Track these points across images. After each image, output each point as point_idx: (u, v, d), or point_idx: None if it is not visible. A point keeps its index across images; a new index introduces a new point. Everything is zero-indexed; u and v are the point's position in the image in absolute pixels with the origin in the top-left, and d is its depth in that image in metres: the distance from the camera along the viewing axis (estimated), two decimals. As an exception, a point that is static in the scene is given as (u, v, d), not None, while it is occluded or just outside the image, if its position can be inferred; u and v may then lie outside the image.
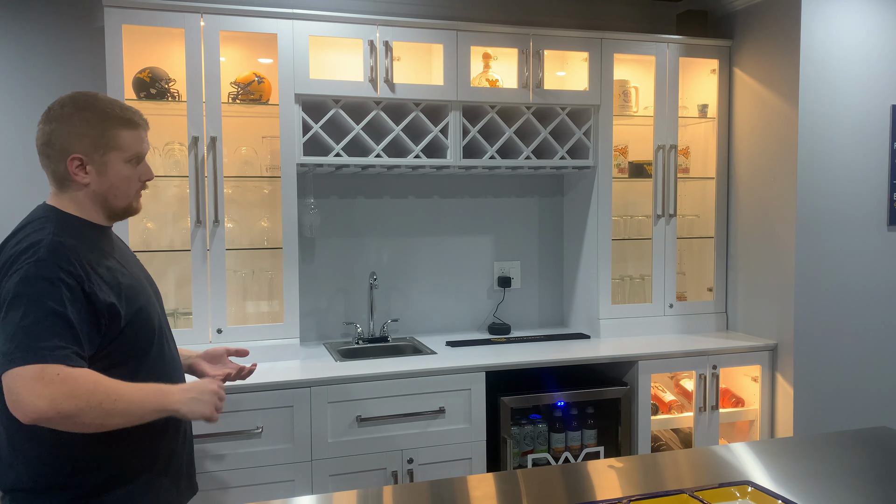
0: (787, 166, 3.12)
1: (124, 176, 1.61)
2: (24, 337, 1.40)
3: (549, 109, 3.26)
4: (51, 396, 1.36)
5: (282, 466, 2.62)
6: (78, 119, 1.56)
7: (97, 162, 1.58)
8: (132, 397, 1.47)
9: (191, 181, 2.78)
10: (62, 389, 1.37)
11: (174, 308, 3.02)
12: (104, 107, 1.59)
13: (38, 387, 1.36)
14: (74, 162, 1.56)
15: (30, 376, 1.37)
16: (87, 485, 1.53)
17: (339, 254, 3.34)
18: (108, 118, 1.58)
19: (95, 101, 1.60)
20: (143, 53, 2.92)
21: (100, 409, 1.41)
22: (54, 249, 1.48)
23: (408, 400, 2.76)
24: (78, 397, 1.39)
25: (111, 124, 1.58)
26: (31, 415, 1.37)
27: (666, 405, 3.25)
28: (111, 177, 1.60)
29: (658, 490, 1.60)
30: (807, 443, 1.99)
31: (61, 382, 1.38)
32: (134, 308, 1.59)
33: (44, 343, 1.40)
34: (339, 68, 3.15)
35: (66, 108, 1.57)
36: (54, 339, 1.41)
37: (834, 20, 3.08)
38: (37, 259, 1.46)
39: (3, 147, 2.90)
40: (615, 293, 3.46)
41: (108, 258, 1.60)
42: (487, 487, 1.72)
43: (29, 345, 1.39)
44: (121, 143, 1.59)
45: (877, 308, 3.22)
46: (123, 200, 1.64)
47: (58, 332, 1.42)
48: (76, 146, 1.56)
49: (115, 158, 1.59)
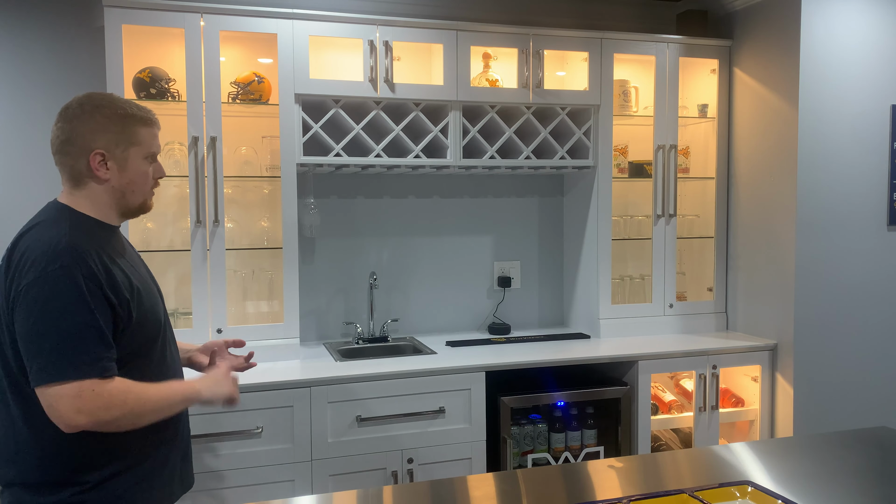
0: (787, 166, 3.12)
1: (142, 172, 1.66)
2: (58, 351, 1.45)
3: (549, 109, 3.26)
4: (89, 411, 1.46)
5: (282, 466, 2.62)
6: (100, 116, 1.60)
7: (118, 157, 1.62)
8: (159, 397, 1.58)
9: (191, 181, 2.78)
10: (98, 403, 1.47)
11: (174, 308, 3.02)
12: (122, 105, 1.64)
13: (76, 403, 1.45)
14: (97, 157, 1.60)
15: (68, 394, 1.45)
16: (89, 481, 1.55)
17: (339, 254, 3.34)
18: (127, 115, 1.63)
19: (113, 100, 1.64)
20: (143, 53, 2.93)
21: (132, 414, 1.52)
22: (73, 252, 1.51)
23: (408, 400, 2.76)
24: (113, 408, 1.48)
25: (131, 121, 1.63)
26: (73, 428, 1.47)
27: (666, 405, 3.25)
28: (131, 172, 1.64)
29: (658, 490, 1.60)
30: (807, 443, 1.99)
31: (97, 396, 1.46)
32: (143, 309, 1.63)
33: (78, 358, 1.46)
34: (339, 68, 3.15)
35: (85, 107, 1.61)
36: (87, 351, 1.47)
37: (834, 20, 3.08)
38: (60, 266, 1.48)
39: (3, 147, 2.90)
40: (615, 293, 3.46)
41: (119, 258, 1.63)
42: (487, 487, 1.72)
43: (64, 360, 1.45)
44: (140, 139, 1.64)
45: (877, 308, 3.22)
46: (140, 196, 1.68)
47: (90, 343, 1.48)
48: (99, 142, 1.60)
49: (135, 154, 1.64)
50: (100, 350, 1.49)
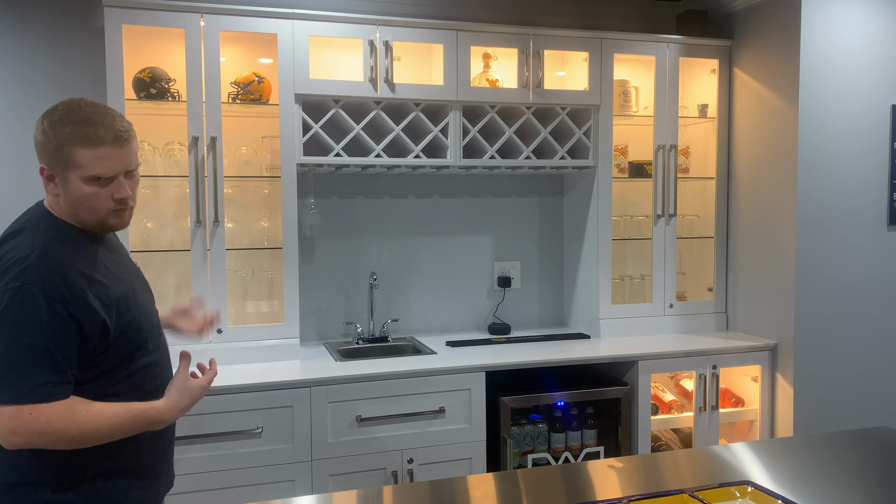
0: (787, 166, 3.12)
1: (85, 194, 1.52)
2: (3, 372, 1.43)
3: (549, 109, 3.26)
4: (24, 434, 1.43)
5: (282, 466, 2.62)
6: (48, 131, 1.50)
7: (60, 176, 1.52)
8: (110, 423, 1.50)
9: (191, 181, 2.78)
10: (34, 428, 1.43)
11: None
12: (72, 120, 1.50)
13: (12, 424, 1.42)
14: (43, 171, 1.54)
15: (5, 414, 1.42)
16: (64, 481, 1.53)
17: (339, 254, 3.34)
18: (66, 135, 1.49)
19: (69, 114, 1.51)
20: (143, 53, 2.93)
21: (73, 441, 1.47)
22: (41, 268, 1.46)
23: (408, 400, 2.76)
24: (50, 434, 1.44)
25: (67, 141, 1.49)
26: (8, 447, 1.45)
27: (666, 405, 3.25)
28: (72, 193, 1.52)
29: (658, 490, 1.60)
30: (807, 443, 1.99)
31: (33, 422, 1.43)
32: (125, 320, 1.58)
33: (22, 381, 1.43)
34: (339, 68, 3.15)
35: (46, 116, 1.53)
36: (31, 376, 1.43)
37: (834, 20, 3.08)
38: (21, 284, 1.44)
39: (3, 147, 2.90)
40: (615, 293, 3.46)
41: (100, 267, 1.57)
42: (487, 487, 1.72)
43: (5, 382, 1.43)
44: (77, 161, 1.49)
45: (877, 308, 3.22)
46: (92, 216, 1.55)
47: (35, 367, 1.43)
48: (43, 157, 1.52)
49: (74, 176, 1.51)
50: (47, 375, 1.44)
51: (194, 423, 2.52)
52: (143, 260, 2.81)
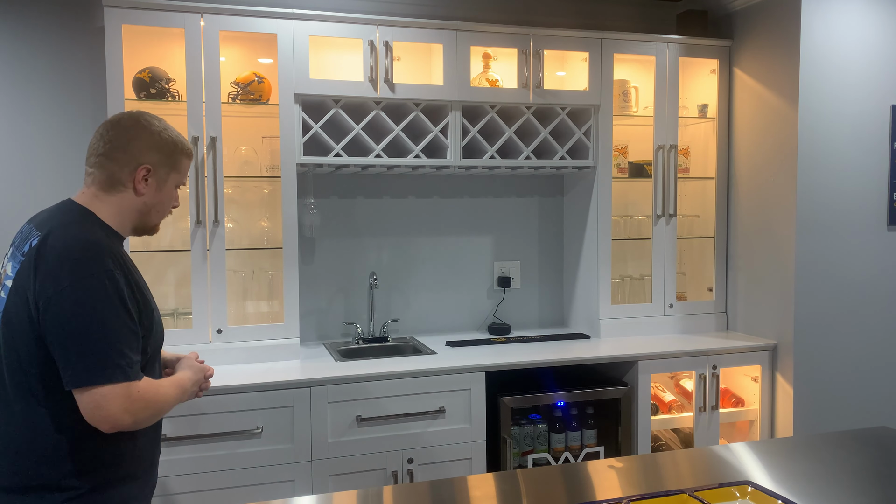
0: (787, 166, 3.12)
1: (171, 196, 1.76)
2: (104, 353, 1.49)
3: (549, 109, 3.26)
4: (134, 412, 1.52)
5: (282, 466, 2.62)
6: (159, 136, 1.69)
7: (160, 177, 1.70)
8: (172, 395, 1.65)
9: (190, 181, 2.78)
10: (141, 405, 1.53)
11: (174, 308, 3.02)
12: (174, 133, 1.75)
13: (126, 404, 1.50)
14: (143, 171, 1.66)
15: (119, 395, 1.49)
16: (81, 487, 1.54)
17: (339, 254, 3.34)
18: (178, 143, 1.74)
19: (167, 125, 1.75)
20: (143, 53, 2.93)
21: (158, 413, 1.60)
22: (111, 257, 1.55)
23: (408, 400, 2.76)
24: (149, 409, 1.56)
25: (180, 150, 1.74)
26: (116, 428, 1.51)
27: (666, 405, 3.25)
28: (164, 194, 1.73)
29: (658, 490, 1.60)
30: (807, 443, 1.99)
31: (140, 399, 1.53)
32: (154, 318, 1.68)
33: (123, 360, 1.51)
34: (339, 68, 3.15)
35: (142, 122, 1.68)
36: (128, 354, 1.52)
37: (834, 20, 3.08)
38: (103, 269, 1.52)
39: (3, 146, 2.90)
40: (615, 293, 3.46)
41: (133, 268, 1.67)
42: (487, 487, 1.72)
43: (111, 362, 1.49)
44: (181, 168, 1.75)
45: (877, 308, 3.22)
46: (158, 218, 1.76)
47: (132, 345, 1.54)
48: (150, 158, 1.67)
49: (173, 180, 1.74)
50: (136, 354, 1.55)
51: (194, 423, 2.52)
52: (143, 260, 2.81)
